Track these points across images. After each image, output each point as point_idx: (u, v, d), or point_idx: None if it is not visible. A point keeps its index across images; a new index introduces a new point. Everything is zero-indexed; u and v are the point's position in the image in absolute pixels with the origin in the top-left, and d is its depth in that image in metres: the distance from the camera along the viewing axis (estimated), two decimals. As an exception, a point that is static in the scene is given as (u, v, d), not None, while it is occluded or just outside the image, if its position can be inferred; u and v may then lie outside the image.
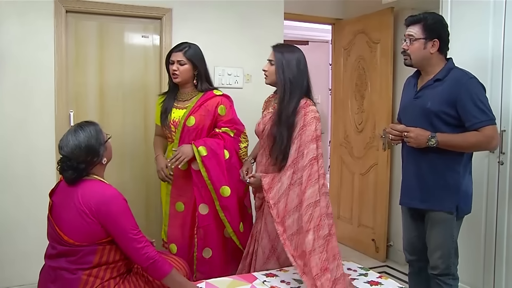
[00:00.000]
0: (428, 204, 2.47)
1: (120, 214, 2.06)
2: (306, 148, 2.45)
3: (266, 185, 2.49)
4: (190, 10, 3.68)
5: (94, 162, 2.14)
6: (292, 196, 2.42)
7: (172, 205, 2.95)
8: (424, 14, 2.45)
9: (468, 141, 2.32)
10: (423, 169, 2.47)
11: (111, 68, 3.52)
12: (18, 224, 3.22)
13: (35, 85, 3.24)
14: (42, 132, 3.27)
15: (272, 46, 2.66)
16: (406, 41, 2.46)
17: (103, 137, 2.18)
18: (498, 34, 2.90)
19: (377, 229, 4.36)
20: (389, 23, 4.15)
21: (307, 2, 4.65)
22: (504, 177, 2.89)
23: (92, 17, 3.42)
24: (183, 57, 2.86)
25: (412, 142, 2.39)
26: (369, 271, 2.51)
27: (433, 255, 2.48)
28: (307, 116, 2.49)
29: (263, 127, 2.67)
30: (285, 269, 2.48)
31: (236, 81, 3.87)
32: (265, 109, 2.84)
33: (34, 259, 2.98)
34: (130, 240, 2.06)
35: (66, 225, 2.07)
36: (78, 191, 2.07)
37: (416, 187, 2.50)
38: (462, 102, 2.32)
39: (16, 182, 3.22)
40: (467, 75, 2.39)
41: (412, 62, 2.48)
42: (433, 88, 2.43)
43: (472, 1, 3.05)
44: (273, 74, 2.61)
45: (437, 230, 2.46)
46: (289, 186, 2.44)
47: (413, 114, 2.49)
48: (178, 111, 2.92)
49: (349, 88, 4.70)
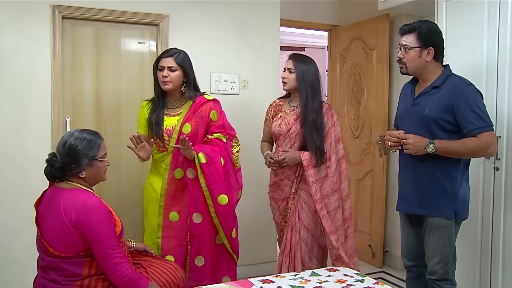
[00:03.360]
0: (427, 210, 2.48)
1: (99, 226, 2.00)
2: (336, 146, 3.00)
3: (306, 161, 2.91)
4: (186, 17, 3.69)
5: (70, 168, 2.11)
6: (326, 185, 2.95)
7: (166, 216, 2.87)
8: (418, 22, 2.47)
9: (466, 147, 2.33)
10: (421, 175, 2.48)
11: (108, 74, 3.52)
12: (14, 231, 3.20)
13: (31, 91, 3.24)
14: (38, 139, 3.26)
15: (289, 56, 3.04)
16: (401, 50, 2.48)
17: (95, 153, 2.12)
18: (492, 41, 2.92)
19: (373, 235, 4.36)
20: (385, 30, 4.17)
21: (303, 9, 4.67)
22: (499, 183, 2.90)
23: (88, 24, 3.42)
24: (174, 62, 2.79)
25: (410, 149, 2.40)
26: (365, 277, 2.50)
27: (431, 261, 2.49)
28: (333, 117, 3.03)
29: (287, 127, 3.00)
30: (281, 275, 2.48)
31: (233, 87, 3.88)
32: (275, 113, 3.12)
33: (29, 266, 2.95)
34: (106, 254, 2.00)
35: (50, 236, 2.05)
36: (61, 200, 2.04)
37: (415, 193, 2.51)
38: (460, 108, 2.34)
39: (11, 188, 3.20)
40: (464, 82, 2.41)
41: (408, 70, 2.50)
42: (430, 95, 2.45)
43: (467, 8, 3.07)
44: (292, 81, 2.98)
45: (435, 236, 2.47)
46: (325, 176, 2.96)
47: (411, 121, 2.50)
48: (170, 119, 2.86)
49: (345, 94, 4.72)
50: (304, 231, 3.01)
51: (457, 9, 3.14)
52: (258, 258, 4.01)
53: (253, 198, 3.09)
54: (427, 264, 2.52)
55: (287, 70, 3.00)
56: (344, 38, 4.74)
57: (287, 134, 3.01)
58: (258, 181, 3.59)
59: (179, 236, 2.87)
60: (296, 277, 2.41)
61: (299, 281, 2.36)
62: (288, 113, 3.04)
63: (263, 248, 4.07)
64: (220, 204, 2.82)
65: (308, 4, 4.70)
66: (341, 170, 3.05)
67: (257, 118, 3.88)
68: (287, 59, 3.05)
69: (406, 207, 2.60)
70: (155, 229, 2.89)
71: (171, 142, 2.84)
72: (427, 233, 2.51)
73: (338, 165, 3.03)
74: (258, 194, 3.73)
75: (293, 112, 3.02)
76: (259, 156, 3.36)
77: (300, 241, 3.00)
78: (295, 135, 2.99)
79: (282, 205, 3.07)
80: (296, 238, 2.98)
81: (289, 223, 3.02)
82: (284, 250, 3.02)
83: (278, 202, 3.09)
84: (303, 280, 2.37)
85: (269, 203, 3.19)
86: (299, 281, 2.36)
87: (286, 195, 3.04)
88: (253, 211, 3.87)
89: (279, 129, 3.03)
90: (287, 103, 3.11)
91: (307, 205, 3.01)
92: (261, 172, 3.84)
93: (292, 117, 3.00)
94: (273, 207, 3.15)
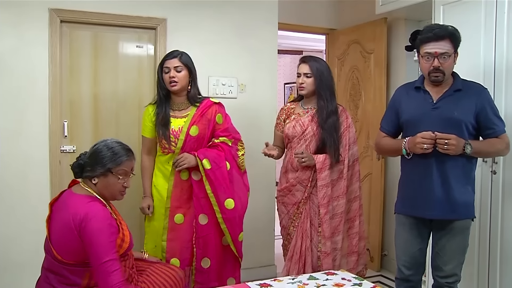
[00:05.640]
0: (456, 214, 2.45)
1: (95, 234, 1.97)
2: (351, 148, 2.99)
3: (319, 163, 2.88)
4: (184, 20, 3.70)
5: (86, 170, 2.13)
6: (337, 187, 2.94)
7: (171, 218, 2.87)
8: (446, 27, 2.42)
9: (495, 147, 2.43)
10: (449, 178, 2.43)
11: (106, 78, 3.52)
12: (11, 235, 3.19)
13: (29, 95, 3.23)
14: (35, 142, 3.26)
15: (302, 59, 2.96)
16: (438, 59, 2.38)
17: (112, 166, 2.12)
18: (489, 44, 2.94)
19: (371, 238, 4.36)
20: (383, 34, 4.18)
21: (301, 12, 4.68)
22: (497, 186, 2.91)
23: (86, 27, 3.43)
24: (179, 62, 2.82)
25: (451, 150, 2.33)
26: (363, 280, 2.50)
27: (449, 264, 2.49)
28: (348, 119, 3.01)
29: (302, 129, 2.95)
30: (279, 279, 2.47)
31: (231, 91, 3.88)
32: (287, 116, 3.07)
33: (27, 270, 2.96)
34: (98, 264, 1.97)
35: (56, 239, 2.04)
36: (71, 204, 2.04)
37: (444, 197, 2.43)
38: (485, 111, 2.42)
39: (8, 192, 3.19)
40: (481, 85, 2.52)
41: (445, 77, 2.44)
42: (453, 98, 2.45)
43: (464, 12, 3.09)
44: (311, 86, 2.93)
45: (459, 238, 2.49)
46: (337, 179, 2.94)
47: (434, 124, 2.41)
48: (177, 121, 2.87)
49: (343, 98, 4.72)
50: (317, 235, 2.95)
51: (454, 13, 3.16)
52: (256, 262, 4.00)
53: (251, 202, 3.09)
54: (444, 267, 2.50)
55: (303, 75, 2.93)
56: (342, 42, 4.75)
57: (302, 135, 2.95)
58: (256, 185, 3.59)
59: (185, 239, 2.86)
60: (294, 281, 2.41)
61: (297, 284, 2.35)
62: (302, 115, 2.99)
63: (261, 252, 4.07)
64: (227, 209, 2.82)
65: (306, 8, 4.72)
66: (354, 172, 3.03)
67: (255, 122, 3.90)
68: (300, 63, 2.99)
69: (435, 213, 2.47)
70: (157, 232, 2.89)
71: (178, 143, 2.84)
72: (446, 236, 2.49)
73: (352, 166, 3.01)
74: (256, 198, 3.73)
75: (308, 114, 2.98)
76: (257, 160, 3.37)
77: (312, 246, 2.94)
78: (310, 136, 2.94)
79: (292, 210, 3.00)
80: (307, 244, 2.93)
81: (299, 229, 2.96)
82: (293, 256, 2.95)
83: (288, 206, 3.02)
84: (301, 283, 2.36)
85: (277, 207, 3.13)
86: (297, 284, 2.35)
87: (298, 200, 2.97)
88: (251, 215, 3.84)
89: (294, 130, 2.97)
90: (299, 106, 3.06)
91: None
92: (260, 175, 3.85)
93: (307, 118, 2.96)
94: (282, 211, 3.08)
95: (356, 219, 3.06)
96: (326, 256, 2.91)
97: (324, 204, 2.89)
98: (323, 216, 2.89)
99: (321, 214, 2.89)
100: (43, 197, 3.21)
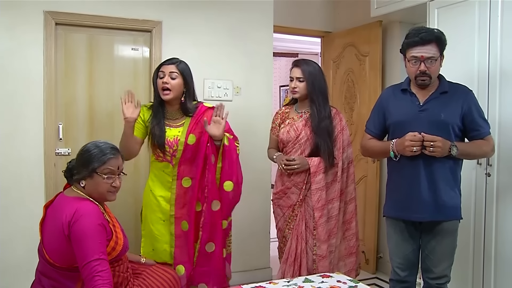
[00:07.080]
0: (443, 215, 2.46)
1: (85, 231, 1.94)
2: (345, 151, 2.99)
3: (314, 167, 2.88)
4: (180, 23, 3.70)
5: (72, 172, 2.13)
6: (332, 190, 2.94)
7: (178, 225, 2.83)
8: (432, 30, 2.43)
9: (481, 149, 2.45)
10: (437, 179, 2.44)
11: (101, 80, 3.51)
12: (6, 238, 3.18)
13: (24, 97, 3.23)
14: (30, 145, 3.25)
15: (294, 63, 2.96)
16: (424, 63, 2.38)
17: (97, 166, 2.09)
18: (483, 47, 2.96)
19: (366, 241, 4.37)
20: (378, 36, 4.20)
21: (296, 15, 4.70)
22: (491, 188, 2.93)
23: (81, 30, 3.42)
24: (176, 68, 2.77)
25: (437, 152, 2.34)
26: (358, 283, 2.50)
27: (440, 266, 2.50)
28: (342, 122, 3.01)
29: (296, 134, 2.95)
30: (274, 282, 2.47)
31: (226, 94, 3.88)
32: (282, 120, 3.08)
33: (22, 272, 2.95)
34: (86, 262, 1.91)
35: (49, 242, 2.03)
36: (64, 208, 2.02)
37: (431, 199, 2.44)
38: (471, 113, 2.43)
39: (3, 195, 3.18)
40: (466, 87, 2.52)
41: (431, 81, 2.46)
42: (440, 100, 2.45)
43: (458, 15, 3.11)
44: (303, 89, 2.94)
45: (448, 240, 2.50)
46: (332, 181, 2.94)
47: (422, 126, 2.41)
48: (172, 130, 2.83)
49: (338, 101, 4.73)
50: (312, 238, 2.95)
51: (448, 16, 3.18)
52: (251, 264, 4.00)
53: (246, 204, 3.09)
54: (434, 269, 2.52)
55: (295, 79, 2.94)
56: (337, 45, 4.76)
57: (296, 140, 2.96)
58: (251, 188, 3.59)
59: (189, 245, 2.83)
60: (289, 284, 2.41)
61: (292, 287, 2.35)
62: (296, 120, 3.00)
63: (256, 254, 4.06)
64: (225, 190, 2.81)
65: (301, 10, 4.73)
66: (349, 174, 3.04)
67: (250, 125, 3.90)
68: (292, 67, 2.99)
69: (423, 216, 2.48)
70: (155, 236, 2.86)
71: (177, 154, 2.81)
72: (435, 238, 2.50)
73: (347, 169, 3.02)
74: (251, 201, 3.73)
75: (301, 118, 2.98)
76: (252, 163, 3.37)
77: (307, 248, 2.94)
78: (304, 141, 2.94)
79: (287, 212, 3.00)
80: (302, 247, 2.93)
81: (294, 232, 2.96)
82: (288, 259, 2.95)
83: (283, 209, 3.02)
84: (296, 286, 2.36)
85: (273, 210, 3.13)
86: (292, 287, 2.35)
87: (293, 202, 2.97)
88: (246, 218, 3.86)
89: (288, 135, 2.98)
90: (293, 110, 3.07)
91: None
92: (254, 179, 3.85)
93: (301, 123, 2.96)
94: (277, 214, 3.08)
95: (352, 221, 3.07)
96: (322, 259, 2.91)
97: (319, 207, 2.89)
98: (318, 219, 2.89)
99: (315, 218, 2.90)
100: (38, 199, 3.20)
